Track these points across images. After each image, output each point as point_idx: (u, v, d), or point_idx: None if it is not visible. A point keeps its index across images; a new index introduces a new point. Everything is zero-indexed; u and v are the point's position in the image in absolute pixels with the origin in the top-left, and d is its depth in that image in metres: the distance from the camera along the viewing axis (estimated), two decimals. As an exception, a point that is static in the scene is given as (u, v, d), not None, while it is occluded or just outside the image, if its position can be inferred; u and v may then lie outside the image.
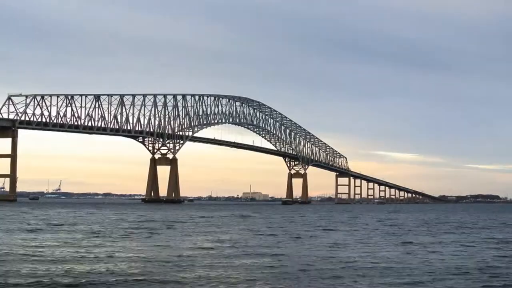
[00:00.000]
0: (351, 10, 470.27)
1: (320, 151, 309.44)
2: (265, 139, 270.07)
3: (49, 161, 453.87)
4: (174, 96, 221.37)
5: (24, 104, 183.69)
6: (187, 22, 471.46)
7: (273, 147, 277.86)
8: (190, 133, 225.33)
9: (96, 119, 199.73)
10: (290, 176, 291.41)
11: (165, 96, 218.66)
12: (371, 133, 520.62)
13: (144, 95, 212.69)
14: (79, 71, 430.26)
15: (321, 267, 27.11)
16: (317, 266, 27.72)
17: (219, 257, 30.23)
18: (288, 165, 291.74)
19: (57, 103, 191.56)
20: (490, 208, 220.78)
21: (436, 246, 39.88)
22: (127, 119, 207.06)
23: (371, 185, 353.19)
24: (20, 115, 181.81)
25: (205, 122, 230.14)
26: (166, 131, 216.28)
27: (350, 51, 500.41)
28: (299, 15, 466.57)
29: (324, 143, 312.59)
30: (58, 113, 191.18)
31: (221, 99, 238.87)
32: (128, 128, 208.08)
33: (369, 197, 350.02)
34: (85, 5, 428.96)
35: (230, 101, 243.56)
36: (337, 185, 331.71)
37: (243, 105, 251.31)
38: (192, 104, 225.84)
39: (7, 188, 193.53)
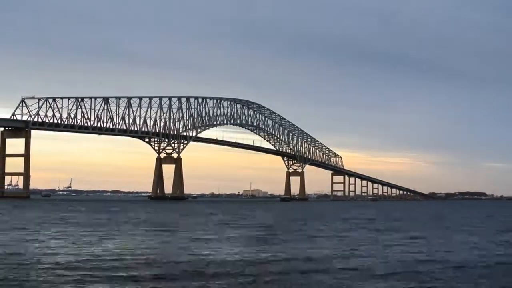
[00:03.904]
0: (349, 16, 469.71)
1: (317, 150, 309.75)
2: (265, 139, 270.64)
3: (61, 160, 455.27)
4: (179, 98, 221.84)
5: (37, 106, 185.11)
6: (191, 28, 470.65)
7: (272, 147, 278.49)
8: (194, 134, 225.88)
9: (105, 120, 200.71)
10: (288, 175, 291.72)
11: (170, 98, 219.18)
12: (367, 134, 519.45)
13: (150, 98, 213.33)
14: (88, 74, 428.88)
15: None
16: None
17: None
18: (286, 164, 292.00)
19: (68, 105, 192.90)
20: (462, 204, 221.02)
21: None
22: (134, 120, 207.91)
23: (364, 182, 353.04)
24: (33, 116, 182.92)
25: (207, 123, 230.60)
26: (171, 132, 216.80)
27: (350, 55, 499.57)
28: (300, 21, 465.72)
29: (321, 143, 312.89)
30: (69, 114, 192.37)
31: (223, 101, 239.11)
32: (135, 129, 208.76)
33: (363, 194, 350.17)
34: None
35: (232, 103, 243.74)
36: (332, 182, 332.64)
37: (244, 107, 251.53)
38: (196, 106, 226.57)
39: (21, 186, 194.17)
